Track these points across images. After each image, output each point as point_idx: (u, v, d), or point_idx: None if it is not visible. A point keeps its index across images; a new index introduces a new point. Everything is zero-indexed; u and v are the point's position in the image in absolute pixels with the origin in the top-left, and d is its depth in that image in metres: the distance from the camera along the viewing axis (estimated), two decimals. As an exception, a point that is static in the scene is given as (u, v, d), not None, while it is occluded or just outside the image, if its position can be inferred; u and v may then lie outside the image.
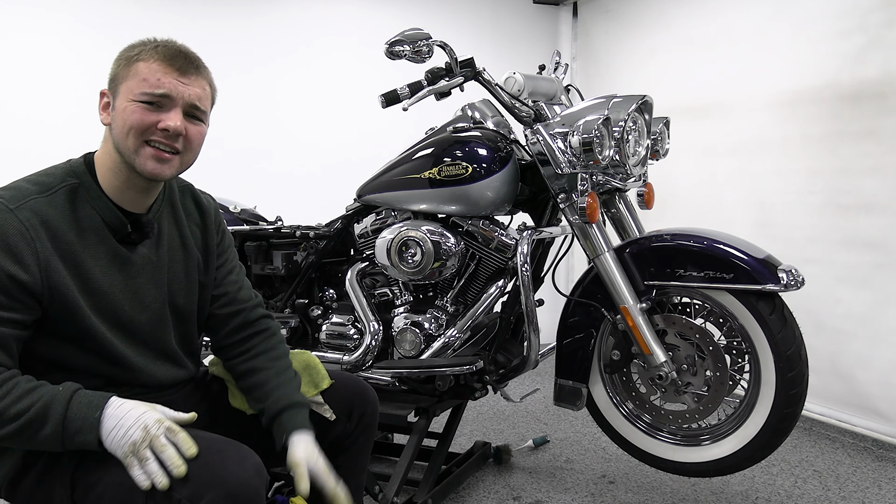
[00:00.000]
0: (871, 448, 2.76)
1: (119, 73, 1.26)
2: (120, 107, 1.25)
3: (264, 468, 1.21)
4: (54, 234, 1.22)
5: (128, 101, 1.24)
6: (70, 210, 1.25)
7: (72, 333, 1.25)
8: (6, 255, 1.17)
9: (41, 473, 1.23)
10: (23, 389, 1.15)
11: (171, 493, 1.12)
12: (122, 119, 1.24)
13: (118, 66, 1.27)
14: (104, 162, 1.29)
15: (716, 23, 3.36)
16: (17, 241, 1.17)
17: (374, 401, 1.58)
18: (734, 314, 1.89)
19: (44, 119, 3.16)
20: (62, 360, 1.26)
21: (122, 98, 1.25)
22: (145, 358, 1.35)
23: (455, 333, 2.15)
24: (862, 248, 2.78)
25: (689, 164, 3.42)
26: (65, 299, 1.22)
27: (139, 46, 1.27)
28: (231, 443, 1.22)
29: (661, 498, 2.35)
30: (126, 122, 1.24)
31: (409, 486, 2.18)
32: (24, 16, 3.12)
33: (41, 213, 1.21)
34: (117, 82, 1.26)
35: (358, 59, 3.75)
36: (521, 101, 2.07)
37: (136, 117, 1.23)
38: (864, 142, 2.75)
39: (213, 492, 1.11)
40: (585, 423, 3.05)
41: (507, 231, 2.14)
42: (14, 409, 1.14)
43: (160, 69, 1.25)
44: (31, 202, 1.21)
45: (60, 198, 1.25)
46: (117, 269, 1.30)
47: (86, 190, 1.27)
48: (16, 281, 1.17)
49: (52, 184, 1.25)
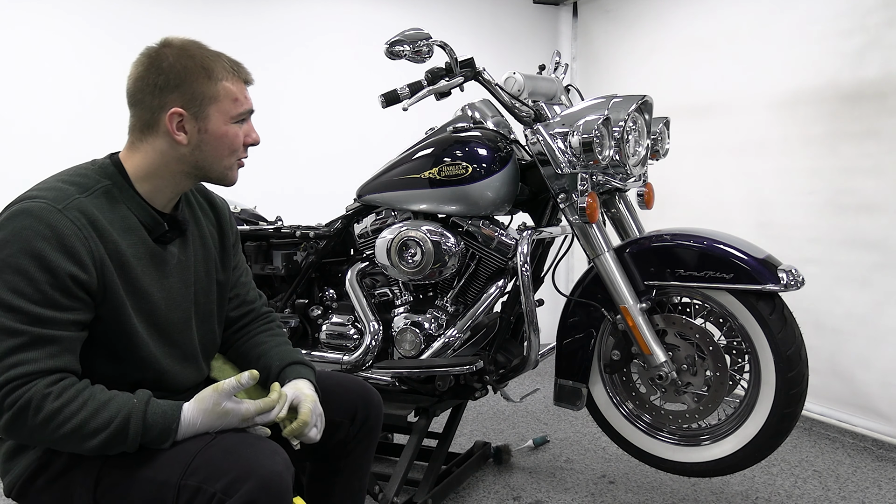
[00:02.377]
0: (871, 448, 2.76)
1: (200, 92, 1.27)
2: (217, 129, 1.29)
3: (291, 463, 1.24)
4: (102, 234, 1.22)
5: (227, 125, 1.30)
6: (109, 210, 1.25)
7: (111, 336, 1.25)
8: (65, 255, 1.16)
9: (59, 473, 1.23)
10: (99, 402, 1.17)
11: (205, 487, 1.14)
12: (224, 142, 1.31)
13: (196, 85, 1.27)
14: (142, 166, 1.30)
15: (716, 23, 3.36)
16: (73, 241, 1.17)
17: (378, 404, 1.58)
18: (734, 314, 1.89)
19: (49, 118, 3.16)
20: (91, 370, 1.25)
21: (218, 120, 1.29)
22: (173, 360, 1.36)
23: (455, 333, 2.15)
24: (862, 248, 2.78)
25: (689, 164, 3.42)
26: (115, 299, 1.23)
27: (209, 60, 1.29)
28: (261, 439, 1.26)
29: (661, 498, 2.35)
30: (231, 145, 1.32)
31: (409, 486, 2.18)
32: (28, 12, 3.12)
33: (88, 213, 1.21)
34: (200, 102, 1.27)
35: (358, 59, 3.75)
36: (521, 101, 2.07)
37: (239, 141, 1.33)
38: (864, 142, 2.75)
39: (248, 484, 1.13)
40: (585, 423, 3.05)
41: (507, 231, 2.14)
42: (93, 424, 1.15)
43: (241, 87, 1.33)
44: (77, 202, 1.21)
45: (100, 198, 1.25)
46: (155, 268, 1.31)
47: (120, 191, 1.28)
48: (77, 281, 1.17)
49: (89, 184, 1.25)
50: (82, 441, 1.15)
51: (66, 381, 1.16)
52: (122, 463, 1.20)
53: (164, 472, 1.18)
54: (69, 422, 1.14)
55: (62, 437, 1.14)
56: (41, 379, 1.14)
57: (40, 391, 1.13)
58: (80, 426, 1.14)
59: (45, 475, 1.24)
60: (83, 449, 1.16)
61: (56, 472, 1.24)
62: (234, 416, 1.24)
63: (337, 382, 1.56)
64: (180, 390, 1.39)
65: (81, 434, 1.14)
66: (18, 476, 1.25)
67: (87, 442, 1.15)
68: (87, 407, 1.15)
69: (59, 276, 1.16)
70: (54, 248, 1.16)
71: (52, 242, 1.16)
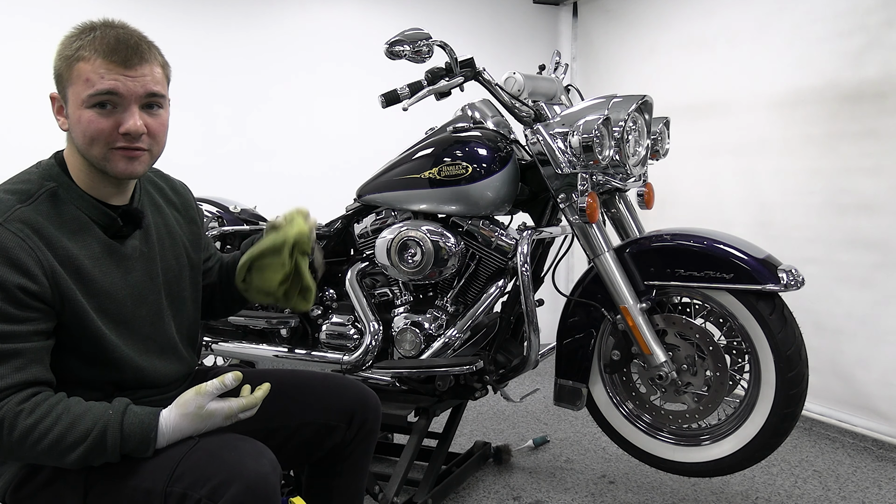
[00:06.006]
0: (871, 448, 2.76)
1: (63, 75, 1.20)
2: (74, 115, 1.19)
3: (278, 463, 1.22)
4: (49, 242, 1.18)
5: (80, 109, 1.18)
6: (56, 214, 1.20)
7: (79, 342, 1.22)
8: (12, 268, 1.13)
9: (50, 479, 1.21)
10: (74, 415, 1.14)
11: (191, 493, 1.12)
12: (81, 129, 1.19)
13: (60, 66, 1.20)
14: (75, 163, 1.25)
15: (716, 23, 3.36)
16: (18, 254, 1.13)
17: (376, 407, 1.56)
18: (734, 314, 1.89)
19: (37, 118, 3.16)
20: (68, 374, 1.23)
21: (73, 105, 1.19)
22: (149, 356, 1.33)
23: (455, 333, 2.15)
24: (862, 248, 2.78)
25: (689, 164, 3.42)
26: (73, 305, 1.20)
27: (76, 40, 1.19)
28: (245, 439, 1.22)
29: (661, 498, 2.35)
30: (86, 133, 1.18)
31: (409, 486, 2.18)
32: (21, 16, 3.12)
33: (31, 222, 1.16)
34: (63, 85, 1.20)
35: (358, 59, 3.75)
36: (521, 101, 2.07)
37: (94, 126, 1.18)
38: (864, 142, 2.75)
39: (233, 488, 1.11)
40: (585, 423, 3.05)
41: (507, 231, 2.14)
42: (70, 438, 1.12)
43: (103, 66, 1.16)
44: (17, 212, 1.16)
45: (44, 204, 1.20)
46: (114, 266, 1.27)
47: (66, 191, 1.23)
48: (28, 292, 1.14)
49: (30, 190, 1.20)
50: (61, 456, 1.13)
51: (39, 396, 1.14)
52: (109, 472, 1.18)
53: (149, 479, 1.16)
54: (45, 438, 1.11)
55: (41, 453, 1.12)
56: (13, 396, 1.12)
57: (12, 409, 1.11)
58: (57, 441, 1.12)
59: (31, 484, 1.22)
60: (64, 463, 1.14)
61: (42, 482, 1.22)
62: (218, 415, 1.21)
63: (334, 385, 1.54)
64: (165, 384, 1.38)
65: (59, 449, 1.12)
66: (9, 481, 1.23)
67: (67, 456, 1.13)
68: (61, 421, 1.12)
69: (9, 290, 1.12)
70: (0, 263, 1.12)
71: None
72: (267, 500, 1.14)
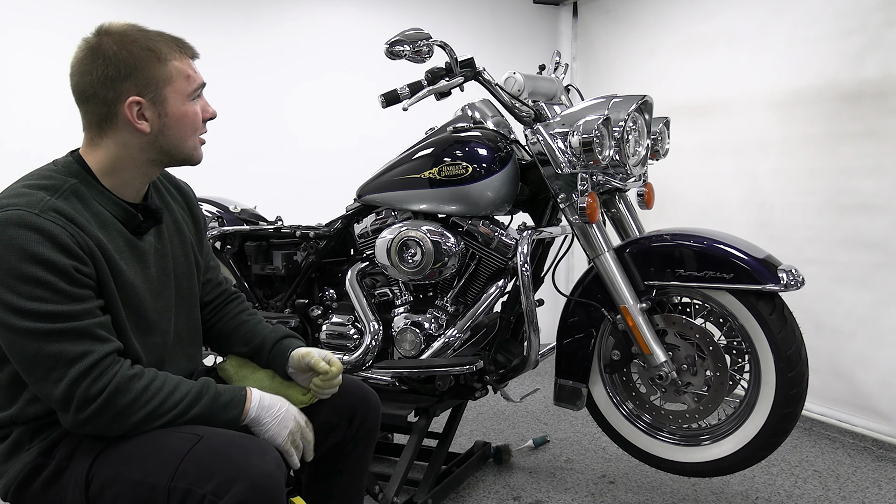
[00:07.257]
0: (871, 448, 2.76)
1: (153, 76, 1.23)
2: (178, 111, 1.27)
3: (283, 461, 1.23)
4: (84, 229, 1.20)
5: (186, 104, 1.28)
6: (83, 208, 1.23)
7: None
8: (63, 252, 1.15)
9: (53, 475, 1.22)
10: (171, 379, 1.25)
11: (195, 489, 1.13)
12: (188, 121, 1.29)
13: (148, 70, 1.23)
14: (109, 162, 1.27)
15: (716, 23, 3.36)
16: (64, 239, 1.15)
17: (376, 406, 1.56)
18: (734, 314, 1.89)
19: (43, 119, 3.16)
20: None
21: (176, 101, 1.27)
22: (157, 352, 1.35)
23: (455, 333, 2.15)
24: (862, 248, 2.78)
25: (689, 164, 3.42)
26: (107, 292, 1.23)
27: (153, 42, 1.25)
28: (251, 438, 1.24)
29: (661, 498, 2.35)
30: (193, 125, 1.30)
31: (409, 486, 2.18)
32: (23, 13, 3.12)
33: (64, 212, 1.19)
34: (156, 87, 1.24)
35: (358, 59, 3.75)
36: (521, 101, 2.07)
37: (199, 117, 1.31)
38: (864, 142, 2.75)
39: (238, 485, 1.12)
40: (585, 423, 3.05)
41: (507, 231, 2.14)
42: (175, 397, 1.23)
43: (189, 62, 1.30)
44: (50, 203, 1.18)
45: (70, 198, 1.22)
46: (136, 260, 1.30)
47: (88, 188, 1.25)
48: (82, 272, 1.17)
49: (57, 185, 1.23)
50: (163, 415, 1.21)
51: (138, 365, 1.23)
52: (114, 466, 1.19)
53: (153, 474, 1.16)
54: (154, 398, 1.20)
55: (147, 416, 1.19)
56: (116, 363, 1.19)
57: (125, 374, 1.18)
58: (164, 401, 1.21)
59: (34, 482, 1.23)
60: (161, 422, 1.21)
61: (46, 479, 1.22)
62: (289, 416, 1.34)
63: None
64: None
65: (164, 408, 1.21)
66: (13, 479, 1.24)
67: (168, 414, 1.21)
68: (167, 384, 1.23)
69: (67, 272, 1.15)
70: (51, 248, 1.14)
71: (46, 244, 1.14)
72: (271, 498, 1.15)
